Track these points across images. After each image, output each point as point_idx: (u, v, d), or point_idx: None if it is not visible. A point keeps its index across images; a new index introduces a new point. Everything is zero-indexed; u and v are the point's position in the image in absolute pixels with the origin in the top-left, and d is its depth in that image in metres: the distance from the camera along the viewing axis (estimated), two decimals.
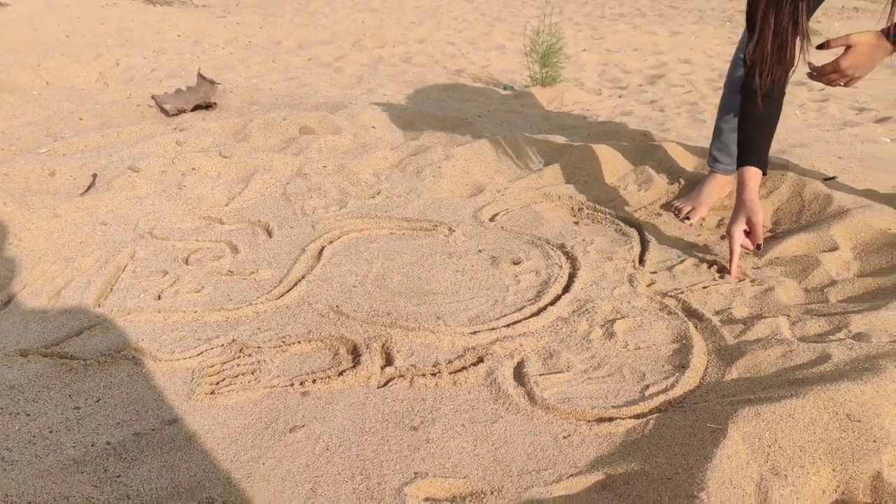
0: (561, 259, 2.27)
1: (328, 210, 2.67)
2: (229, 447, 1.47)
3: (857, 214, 2.31)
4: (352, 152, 3.21)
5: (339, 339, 1.84)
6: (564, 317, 1.94)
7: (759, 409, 1.40)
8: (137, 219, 2.56)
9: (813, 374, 1.54)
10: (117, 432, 1.50)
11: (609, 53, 6.65)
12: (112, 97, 4.33)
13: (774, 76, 2.15)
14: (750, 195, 2.22)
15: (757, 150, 2.25)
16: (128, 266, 2.24)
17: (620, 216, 2.62)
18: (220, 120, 3.68)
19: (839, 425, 1.35)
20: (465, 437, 1.49)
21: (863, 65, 2.15)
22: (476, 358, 1.76)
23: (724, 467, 1.28)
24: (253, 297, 2.06)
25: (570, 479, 1.37)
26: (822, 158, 2.91)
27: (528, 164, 3.13)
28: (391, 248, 2.37)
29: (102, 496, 1.31)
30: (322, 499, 1.33)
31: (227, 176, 2.97)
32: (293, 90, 4.75)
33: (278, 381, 1.67)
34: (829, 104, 4.35)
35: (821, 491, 1.26)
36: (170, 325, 1.93)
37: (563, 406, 1.57)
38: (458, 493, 1.35)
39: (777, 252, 2.26)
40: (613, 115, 4.31)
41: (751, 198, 2.22)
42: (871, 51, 2.13)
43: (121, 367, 1.73)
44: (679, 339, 1.83)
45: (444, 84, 5.22)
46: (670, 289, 2.09)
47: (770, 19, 2.07)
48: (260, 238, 2.46)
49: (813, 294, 2.03)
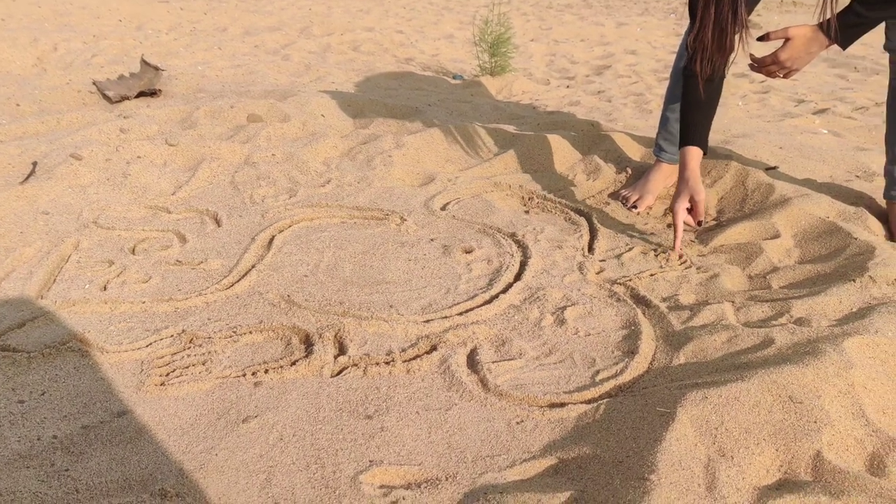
0: (512, 248, 2.29)
1: (278, 199, 2.65)
2: (181, 438, 1.45)
3: (798, 203, 2.37)
4: (301, 140, 3.18)
5: (292, 329, 1.83)
6: (516, 304, 1.96)
7: (706, 393, 1.44)
8: (81, 208, 2.50)
9: (757, 358, 1.59)
10: (64, 426, 1.47)
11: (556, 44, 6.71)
12: (51, 83, 4.21)
13: (714, 63, 2.22)
14: (692, 174, 2.29)
15: (698, 131, 2.33)
16: (71, 256, 2.19)
17: (570, 205, 2.65)
18: (166, 107, 3.61)
19: (782, 407, 1.40)
20: (420, 424, 1.50)
21: (800, 57, 2.22)
22: (429, 346, 1.77)
23: (673, 450, 1.32)
24: (202, 287, 2.04)
25: (523, 464, 1.38)
26: (764, 149, 2.98)
27: (479, 154, 3.14)
28: (342, 237, 2.36)
29: (50, 491, 1.29)
30: (277, 488, 1.32)
31: (174, 164, 2.92)
32: (240, 77, 4.68)
33: (230, 372, 1.66)
34: (770, 96, 4.46)
35: (765, 470, 1.30)
36: (117, 315, 1.89)
37: (515, 392, 1.59)
38: (414, 479, 1.36)
39: (721, 240, 2.32)
40: (561, 105, 4.35)
41: (693, 177, 2.29)
42: (807, 43, 2.20)
43: (66, 360, 1.69)
44: (628, 325, 1.86)
45: (393, 72, 5.20)
46: (619, 276, 2.13)
47: (711, 9, 2.13)
48: (208, 227, 2.43)
49: (756, 280, 2.09)
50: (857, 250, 2.09)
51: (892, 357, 1.58)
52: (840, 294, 1.85)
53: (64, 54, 5.12)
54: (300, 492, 1.31)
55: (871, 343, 1.59)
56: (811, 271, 2.06)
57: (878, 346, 1.59)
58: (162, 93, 4.06)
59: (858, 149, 3.10)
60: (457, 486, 1.33)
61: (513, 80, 4.96)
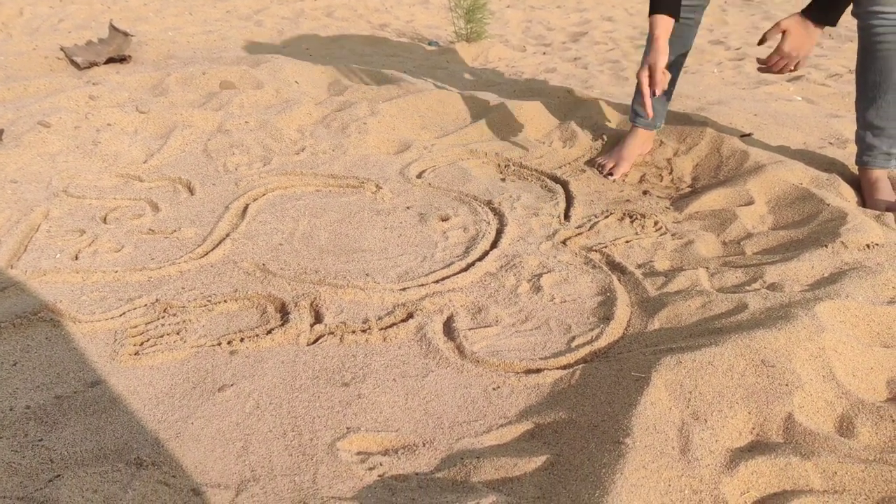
0: (488, 215, 2.29)
1: (251, 167, 2.62)
2: (156, 408, 1.44)
3: (772, 170, 2.39)
4: (274, 108, 3.14)
5: (267, 298, 1.82)
6: (492, 272, 1.96)
7: (681, 358, 1.45)
8: (50, 176, 2.45)
9: (730, 322, 1.60)
10: (37, 396, 1.45)
11: (533, 10, 6.66)
12: (16, 48, 4.11)
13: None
14: (656, 42, 2.36)
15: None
16: (41, 225, 2.16)
17: (546, 173, 2.64)
18: (136, 74, 3.54)
19: (755, 371, 1.42)
20: (397, 391, 1.50)
21: (802, 45, 2.29)
22: (406, 314, 1.77)
23: (648, 413, 1.33)
24: (176, 255, 2.01)
25: (500, 430, 1.39)
26: (739, 115, 2.99)
27: (455, 121, 3.12)
28: (318, 205, 2.35)
29: (24, 461, 1.28)
30: (254, 456, 1.32)
31: (145, 132, 2.87)
32: (212, 43, 4.60)
33: (205, 341, 1.65)
34: (745, 63, 4.47)
35: (738, 433, 1.32)
36: (89, 285, 1.86)
37: (492, 359, 1.59)
38: (391, 446, 1.37)
39: (696, 207, 2.33)
40: (538, 72, 4.32)
41: (656, 46, 2.35)
42: (804, 29, 2.27)
43: (38, 330, 1.67)
44: (603, 291, 1.87)
45: (367, 39, 5.14)
46: (594, 243, 2.13)
47: None
48: (181, 196, 2.40)
49: (730, 247, 2.10)
50: (829, 216, 2.11)
51: (862, 321, 1.61)
52: (812, 259, 1.87)
53: (30, 19, 5.00)
54: (277, 459, 1.31)
55: (842, 307, 1.61)
56: (784, 237, 2.08)
57: (849, 311, 1.61)
58: (131, 59, 3.99)
59: (832, 115, 3.12)
60: (434, 451, 1.34)
61: (489, 46, 4.92)
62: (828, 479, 1.21)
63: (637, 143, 2.70)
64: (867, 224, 2.01)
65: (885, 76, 2.26)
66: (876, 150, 2.34)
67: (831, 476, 1.22)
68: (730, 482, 1.20)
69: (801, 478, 1.21)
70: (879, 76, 2.28)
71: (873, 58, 2.27)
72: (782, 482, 1.22)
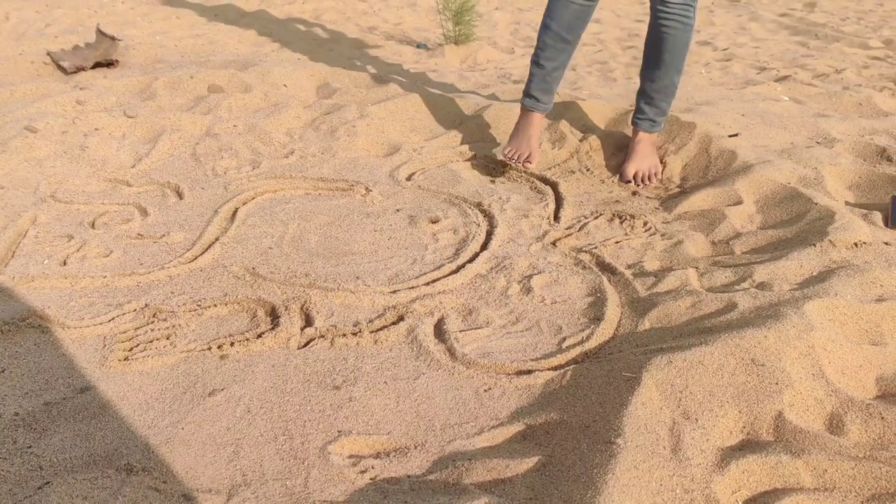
0: (478, 217, 2.29)
1: (240, 171, 2.61)
2: (146, 413, 1.43)
3: (760, 169, 2.40)
4: (263, 111, 3.13)
5: (257, 302, 1.82)
6: (483, 274, 1.96)
7: (671, 357, 1.45)
8: (38, 182, 2.44)
9: (720, 322, 1.61)
10: (26, 403, 1.44)
11: (521, 12, 6.67)
12: (2, 53, 4.09)
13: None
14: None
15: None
16: (29, 231, 2.14)
17: (535, 174, 2.65)
18: (123, 78, 3.52)
19: (745, 370, 1.42)
20: (388, 394, 1.50)
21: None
22: (396, 316, 1.77)
23: (639, 413, 1.33)
24: (165, 260, 2.01)
25: (491, 431, 1.39)
26: (727, 116, 3.00)
27: (444, 123, 3.12)
28: (307, 208, 2.34)
29: (13, 468, 1.27)
30: (245, 461, 1.32)
31: (133, 136, 2.86)
32: (200, 47, 4.58)
33: (195, 346, 1.64)
34: (733, 64, 4.49)
35: (728, 432, 1.33)
36: (77, 291, 1.85)
37: (483, 360, 1.59)
38: (383, 449, 1.36)
39: (685, 207, 2.34)
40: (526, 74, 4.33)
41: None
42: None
43: (26, 336, 1.66)
44: (593, 292, 1.87)
45: (356, 42, 5.13)
46: (584, 244, 2.14)
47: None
48: (170, 200, 2.39)
49: (719, 246, 2.11)
50: (817, 215, 2.12)
51: (850, 319, 1.61)
52: (801, 258, 1.88)
53: (16, 24, 4.97)
54: (268, 463, 1.31)
55: (831, 306, 1.62)
56: (773, 236, 2.09)
57: (838, 309, 1.62)
58: (119, 63, 3.97)
59: (819, 115, 3.14)
60: (426, 453, 1.34)
61: (477, 48, 4.93)
62: (818, 476, 1.22)
63: (539, 128, 2.76)
64: (855, 223, 2.02)
65: (666, 57, 2.52)
66: (644, 115, 2.64)
67: (822, 474, 1.22)
68: (721, 481, 1.21)
69: (792, 476, 1.22)
70: (662, 55, 2.53)
71: (660, 38, 2.51)
72: (773, 480, 1.22)
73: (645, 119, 2.64)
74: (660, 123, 2.68)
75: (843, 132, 2.87)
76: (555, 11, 2.57)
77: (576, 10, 2.54)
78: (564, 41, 2.60)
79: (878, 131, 2.88)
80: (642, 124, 2.65)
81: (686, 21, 2.47)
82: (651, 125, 2.65)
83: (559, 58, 2.64)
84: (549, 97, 2.71)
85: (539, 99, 2.69)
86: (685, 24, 2.48)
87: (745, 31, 5.52)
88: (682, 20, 2.46)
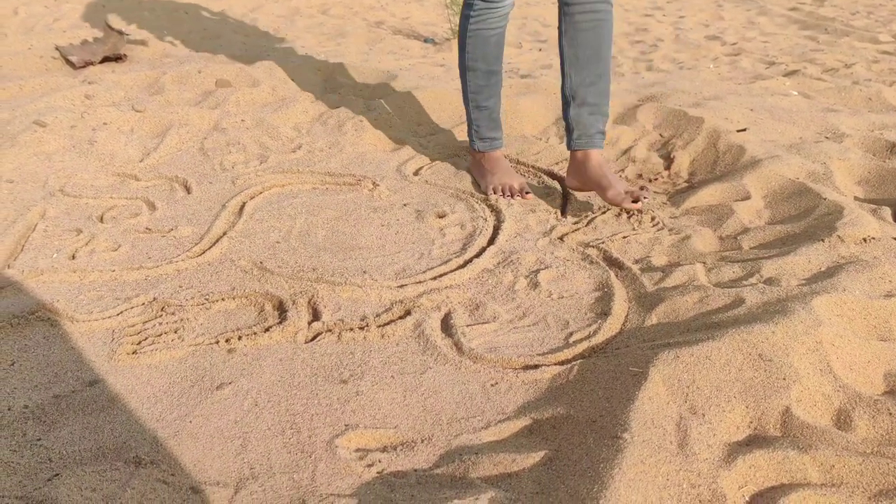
0: (485, 212, 2.29)
1: (248, 165, 2.61)
2: (154, 406, 1.44)
3: (768, 164, 2.39)
4: (271, 106, 3.14)
5: (265, 296, 1.82)
6: (490, 268, 1.96)
7: (678, 353, 1.45)
8: (46, 176, 2.45)
9: (728, 317, 1.61)
10: (35, 395, 1.45)
11: (528, 6, 6.65)
12: (11, 48, 4.10)
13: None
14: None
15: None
16: (38, 225, 2.15)
17: (543, 169, 2.64)
18: (132, 73, 3.53)
19: (752, 365, 1.42)
20: (395, 388, 1.50)
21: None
22: (403, 311, 1.77)
23: (646, 408, 1.33)
24: (173, 254, 2.01)
25: (498, 426, 1.40)
26: (735, 111, 2.99)
27: (451, 117, 3.12)
28: (315, 203, 2.35)
29: (22, 460, 1.28)
30: (252, 454, 1.32)
31: (141, 131, 2.87)
32: (207, 42, 4.59)
33: (203, 339, 1.65)
34: (742, 58, 4.47)
35: (735, 427, 1.32)
36: (86, 284, 1.86)
37: (490, 355, 1.59)
38: (389, 442, 1.37)
39: (693, 202, 2.33)
40: (534, 69, 4.32)
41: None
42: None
43: (35, 329, 1.67)
44: (601, 287, 1.87)
45: (363, 36, 5.13)
46: (592, 239, 2.14)
47: None
48: (178, 195, 2.40)
49: (727, 241, 2.10)
50: (826, 210, 2.11)
51: (859, 315, 1.61)
52: (809, 254, 1.87)
53: (25, 18, 4.99)
54: (276, 457, 1.32)
55: (839, 301, 1.62)
56: (781, 232, 2.08)
57: (846, 305, 1.62)
58: (127, 58, 3.98)
59: (828, 110, 3.13)
60: (432, 447, 1.34)
61: None
62: (825, 472, 1.22)
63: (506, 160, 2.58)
64: (864, 218, 2.01)
65: (604, 49, 2.28)
66: (594, 128, 2.30)
67: (829, 469, 1.22)
68: (728, 476, 1.20)
69: (799, 471, 1.22)
70: (589, 50, 2.27)
71: (594, 26, 2.26)
72: (780, 476, 1.22)
73: (597, 133, 2.32)
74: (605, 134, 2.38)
75: (853, 127, 2.86)
76: (476, 50, 2.41)
77: (497, 38, 2.40)
78: (494, 73, 2.46)
79: (887, 126, 2.87)
80: (595, 140, 2.32)
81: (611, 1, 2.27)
82: (602, 138, 2.34)
83: (495, 91, 2.50)
84: (500, 132, 2.55)
85: (495, 137, 2.53)
86: (610, 3, 2.28)
87: (754, 25, 5.49)
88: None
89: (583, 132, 2.31)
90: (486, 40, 2.39)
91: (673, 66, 4.37)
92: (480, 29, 2.38)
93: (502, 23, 2.40)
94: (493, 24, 2.37)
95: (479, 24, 2.37)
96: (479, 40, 2.39)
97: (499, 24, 2.39)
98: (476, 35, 2.39)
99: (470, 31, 2.38)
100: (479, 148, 2.54)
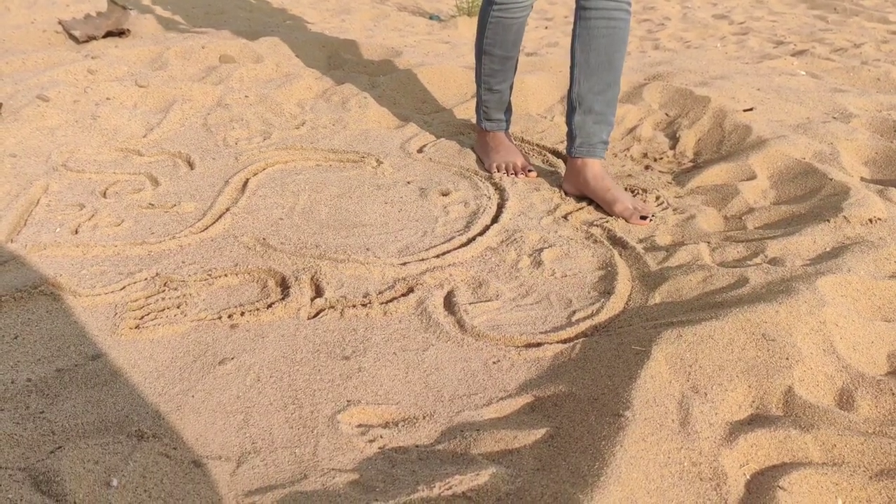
0: (489, 190, 2.28)
1: (251, 141, 2.60)
2: (157, 381, 1.44)
3: (774, 144, 2.37)
4: (274, 82, 3.12)
5: (267, 272, 1.82)
6: (493, 247, 1.96)
7: (681, 332, 1.45)
8: (49, 150, 2.44)
9: (731, 297, 1.60)
10: (38, 369, 1.46)
11: None
12: (14, 21, 4.08)
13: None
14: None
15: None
16: (41, 199, 2.15)
17: (548, 147, 2.63)
18: (135, 48, 3.51)
19: (755, 344, 1.42)
20: (397, 365, 1.50)
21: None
22: (406, 288, 1.77)
23: (648, 387, 1.33)
24: (176, 230, 2.01)
25: (500, 403, 1.40)
26: (742, 90, 2.97)
27: (456, 95, 3.10)
28: (318, 179, 2.34)
29: (25, 433, 1.28)
30: (254, 429, 1.32)
31: (144, 106, 2.86)
32: (211, 17, 4.56)
33: (205, 315, 1.65)
34: (749, 37, 4.43)
35: (737, 406, 1.32)
36: (89, 259, 1.86)
37: (492, 333, 1.59)
38: (391, 418, 1.37)
39: (698, 181, 2.32)
40: (540, 47, 4.29)
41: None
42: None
43: (38, 303, 1.67)
44: (604, 266, 1.87)
45: (368, 13, 5.10)
46: (596, 218, 2.13)
47: None
48: (181, 170, 2.39)
49: (732, 221, 2.10)
50: (831, 191, 2.10)
51: (863, 295, 1.60)
52: (814, 234, 1.86)
53: None
54: (278, 432, 1.32)
55: (844, 282, 1.61)
56: (786, 212, 2.07)
57: (850, 285, 1.61)
58: (130, 33, 3.96)
59: (836, 90, 3.10)
60: (434, 424, 1.35)
61: None
62: (827, 451, 1.22)
63: (510, 139, 2.56)
64: (869, 199, 2.00)
65: (617, 56, 2.18)
66: (597, 137, 2.24)
67: (830, 449, 1.22)
68: (729, 455, 1.21)
69: (801, 450, 1.22)
70: (601, 57, 2.17)
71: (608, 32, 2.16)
72: (781, 455, 1.22)
73: (599, 143, 2.25)
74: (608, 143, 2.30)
75: (861, 107, 2.84)
76: (496, 36, 2.37)
77: (518, 26, 2.37)
78: (510, 59, 2.43)
79: (895, 107, 2.84)
80: (597, 150, 2.24)
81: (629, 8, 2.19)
82: (604, 148, 2.27)
83: (509, 75, 2.47)
84: (509, 114, 2.54)
85: (502, 119, 2.52)
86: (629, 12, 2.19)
87: (763, 4, 5.44)
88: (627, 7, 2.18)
89: (585, 140, 2.24)
90: (508, 28, 2.36)
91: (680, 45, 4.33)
92: (503, 17, 2.34)
93: (526, 12, 2.35)
94: (516, 13, 2.34)
95: (502, 13, 2.33)
96: (500, 27, 2.35)
97: (522, 13, 2.35)
98: (498, 22, 2.35)
99: (492, 16, 2.34)
100: (486, 128, 2.52)
